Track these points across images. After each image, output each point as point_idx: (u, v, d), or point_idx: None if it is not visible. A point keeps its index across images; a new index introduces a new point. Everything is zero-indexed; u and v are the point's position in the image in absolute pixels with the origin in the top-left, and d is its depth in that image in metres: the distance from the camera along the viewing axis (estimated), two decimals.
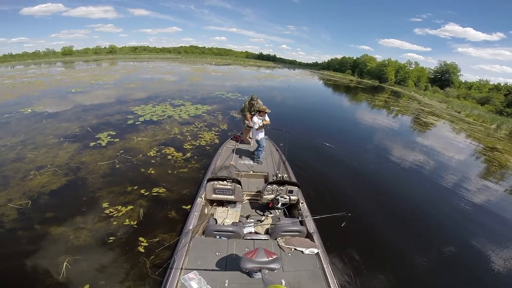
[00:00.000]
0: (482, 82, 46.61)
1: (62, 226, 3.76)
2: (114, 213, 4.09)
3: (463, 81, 49.70)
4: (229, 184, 3.75)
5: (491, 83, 45.01)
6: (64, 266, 3.10)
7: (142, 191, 4.71)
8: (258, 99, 5.67)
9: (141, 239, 3.59)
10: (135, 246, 3.47)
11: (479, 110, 27.61)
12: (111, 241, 3.56)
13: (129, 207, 4.25)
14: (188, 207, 4.20)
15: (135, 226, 3.87)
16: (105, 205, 4.26)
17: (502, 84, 40.81)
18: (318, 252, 2.98)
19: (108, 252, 3.39)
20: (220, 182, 3.75)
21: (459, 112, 25.42)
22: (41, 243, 3.46)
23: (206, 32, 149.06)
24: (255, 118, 4.96)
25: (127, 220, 3.95)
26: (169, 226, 3.90)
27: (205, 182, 3.85)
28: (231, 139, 6.16)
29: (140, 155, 6.14)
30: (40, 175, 5.02)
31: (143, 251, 3.40)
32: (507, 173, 9.11)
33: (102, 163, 5.65)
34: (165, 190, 4.82)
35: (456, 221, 5.38)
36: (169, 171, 5.53)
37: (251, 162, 5.13)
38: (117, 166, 5.59)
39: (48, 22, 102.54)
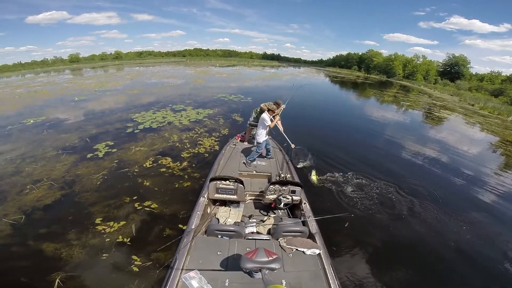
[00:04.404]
0: (494, 74, 44.95)
1: (55, 242, 3.69)
2: (107, 229, 3.96)
3: (474, 73, 48.22)
4: (231, 184, 3.72)
5: (503, 74, 43.41)
6: (57, 283, 3.04)
7: (136, 205, 4.56)
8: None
9: (134, 257, 3.45)
10: (129, 265, 3.36)
11: (493, 102, 26.54)
12: (104, 258, 3.47)
13: (122, 223, 4.10)
14: (185, 226, 4.03)
15: (128, 243, 3.73)
16: (98, 220, 4.13)
17: None
18: (319, 253, 2.93)
19: (102, 269, 3.31)
20: (223, 181, 3.73)
21: (472, 105, 24.57)
22: (34, 259, 3.43)
23: (210, 34, 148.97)
24: (265, 115, 4.83)
25: (120, 236, 3.82)
26: (162, 243, 3.68)
27: (208, 181, 3.83)
28: (235, 138, 6.12)
29: (136, 167, 5.94)
30: (37, 189, 4.96)
31: (137, 270, 3.28)
32: None
33: (97, 175, 5.52)
34: (158, 205, 4.60)
35: (467, 220, 5.02)
36: (164, 183, 5.31)
37: (254, 162, 5.04)
38: (112, 178, 5.44)
39: (54, 30, 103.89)
